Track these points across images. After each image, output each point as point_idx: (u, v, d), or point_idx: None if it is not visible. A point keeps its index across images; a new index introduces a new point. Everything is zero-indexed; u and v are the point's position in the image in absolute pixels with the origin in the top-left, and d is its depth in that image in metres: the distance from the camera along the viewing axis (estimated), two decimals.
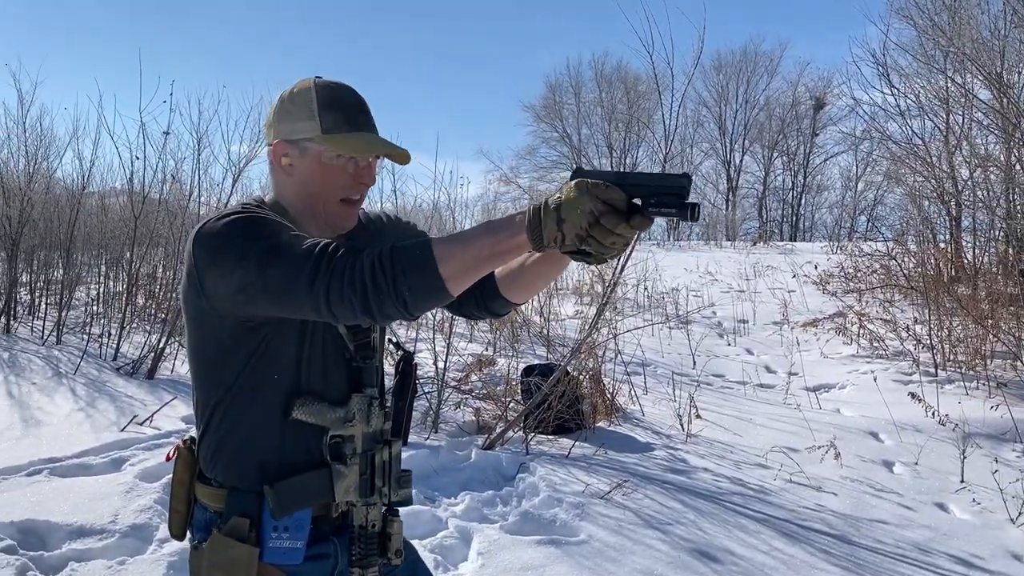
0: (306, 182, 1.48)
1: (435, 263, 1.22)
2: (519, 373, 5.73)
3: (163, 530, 3.49)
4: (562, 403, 5.13)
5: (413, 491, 1.62)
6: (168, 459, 1.56)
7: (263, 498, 1.42)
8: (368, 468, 1.50)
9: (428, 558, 3.31)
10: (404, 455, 1.69)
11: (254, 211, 1.39)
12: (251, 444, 1.45)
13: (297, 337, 1.44)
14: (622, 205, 1.18)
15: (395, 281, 1.21)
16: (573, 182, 1.21)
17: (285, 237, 1.31)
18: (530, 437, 4.93)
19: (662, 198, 1.20)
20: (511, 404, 5.41)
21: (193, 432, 1.54)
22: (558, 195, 1.21)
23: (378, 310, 1.23)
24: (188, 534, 1.55)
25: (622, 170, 1.30)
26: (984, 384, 6.36)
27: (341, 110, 1.46)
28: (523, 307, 9.01)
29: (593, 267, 10.37)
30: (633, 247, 5.17)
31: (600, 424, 5.46)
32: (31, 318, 8.32)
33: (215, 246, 1.34)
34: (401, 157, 1.50)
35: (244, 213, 1.37)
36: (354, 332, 1.52)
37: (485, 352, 7.31)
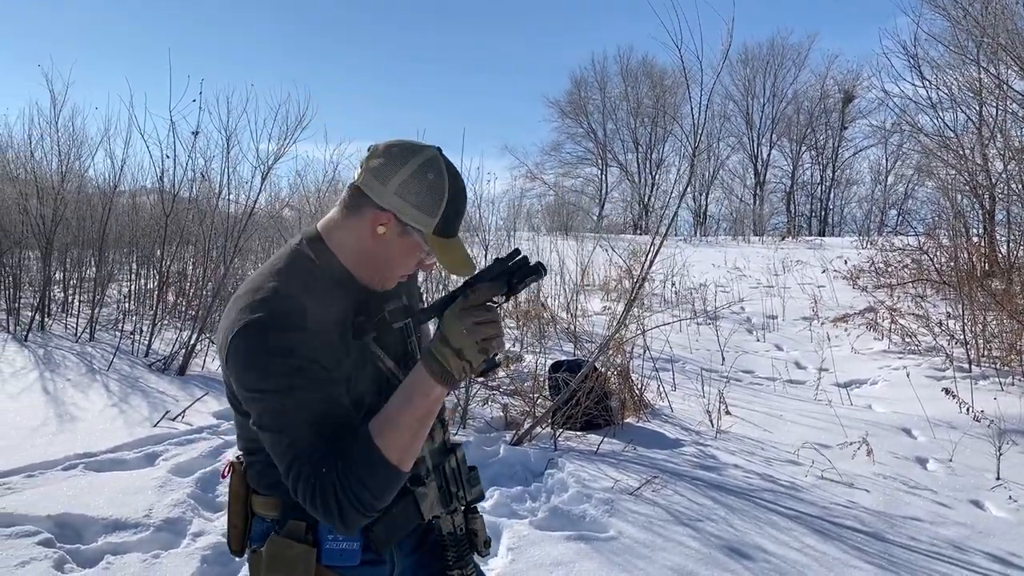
0: (383, 252, 1.45)
1: (383, 457, 1.29)
2: (547, 369, 5.72)
3: (196, 524, 3.54)
4: (590, 399, 5.12)
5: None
6: (223, 477, 1.58)
7: None
8: (443, 480, 1.54)
9: None
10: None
11: (276, 317, 1.34)
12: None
13: (345, 393, 1.41)
14: (492, 295, 1.31)
15: (360, 500, 1.28)
16: (446, 313, 1.32)
17: (285, 411, 1.31)
18: (558, 433, 4.92)
19: (519, 274, 1.34)
20: (539, 400, 5.41)
21: (228, 425, 1.55)
22: (440, 332, 1.30)
23: (348, 527, 1.30)
24: (248, 549, 1.54)
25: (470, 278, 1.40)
26: (1020, 380, 6.26)
27: (457, 218, 1.46)
28: (550, 303, 9.01)
29: (620, 263, 10.35)
30: (660, 245, 5.14)
31: (629, 420, 5.45)
32: (65, 315, 8.45)
33: (237, 367, 1.35)
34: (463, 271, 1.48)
35: (262, 326, 1.32)
36: (402, 364, 1.53)
37: (513, 348, 7.32)
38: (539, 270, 1.34)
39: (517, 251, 1.36)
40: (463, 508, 1.59)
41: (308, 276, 1.43)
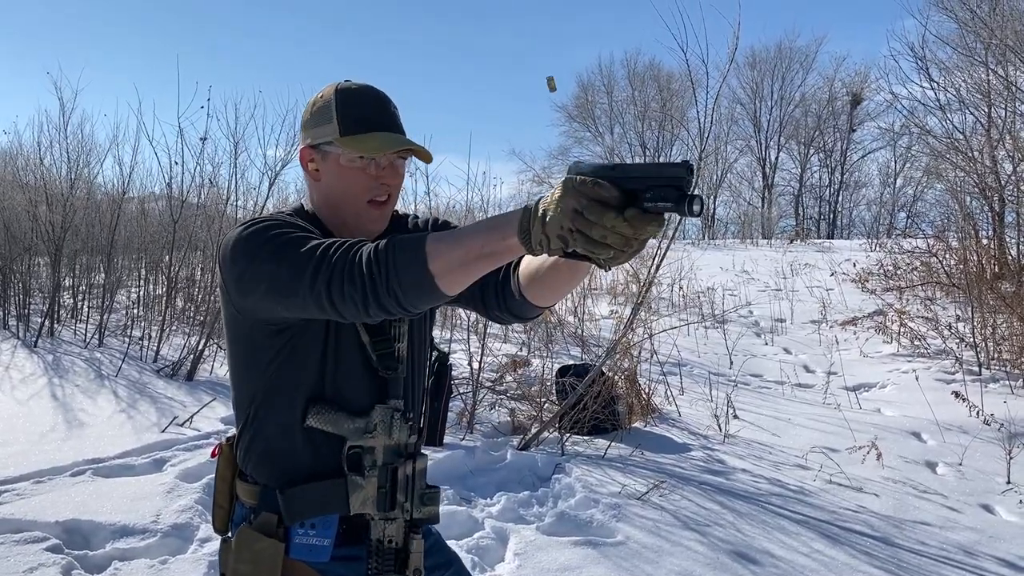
0: (331, 186, 1.49)
1: (425, 260, 1.18)
2: (554, 373, 5.72)
3: (204, 530, 3.54)
4: (597, 403, 5.10)
5: (443, 503, 1.61)
6: (213, 456, 1.60)
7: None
8: (388, 481, 1.48)
9: (465, 559, 3.32)
10: (440, 455, 1.70)
11: (273, 216, 1.43)
12: (280, 445, 1.48)
13: (321, 344, 1.45)
14: (611, 199, 1.07)
15: (387, 276, 1.20)
16: (560, 180, 1.12)
17: (291, 238, 1.32)
18: (565, 438, 4.91)
19: (659, 191, 1.07)
20: (546, 405, 5.40)
21: (234, 431, 1.56)
22: (544, 196, 1.14)
23: (375, 303, 1.22)
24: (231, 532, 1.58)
25: (624, 162, 1.12)
26: None
27: (359, 111, 1.46)
28: (557, 307, 9.00)
29: (627, 266, 10.34)
30: (667, 248, 5.14)
31: (636, 425, 5.43)
32: (74, 321, 8.49)
33: (234, 255, 1.37)
34: (421, 154, 1.48)
35: (260, 219, 1.40)
36: (377, 342, 1.50)
37: (520, 352, 7.31)
38: (681, 204, 1.04)
39: (687, 165, 1.07)
40: (406, 522, 1.51)
41: (303, 216, 1.52)
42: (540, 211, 1.11)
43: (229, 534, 1.56)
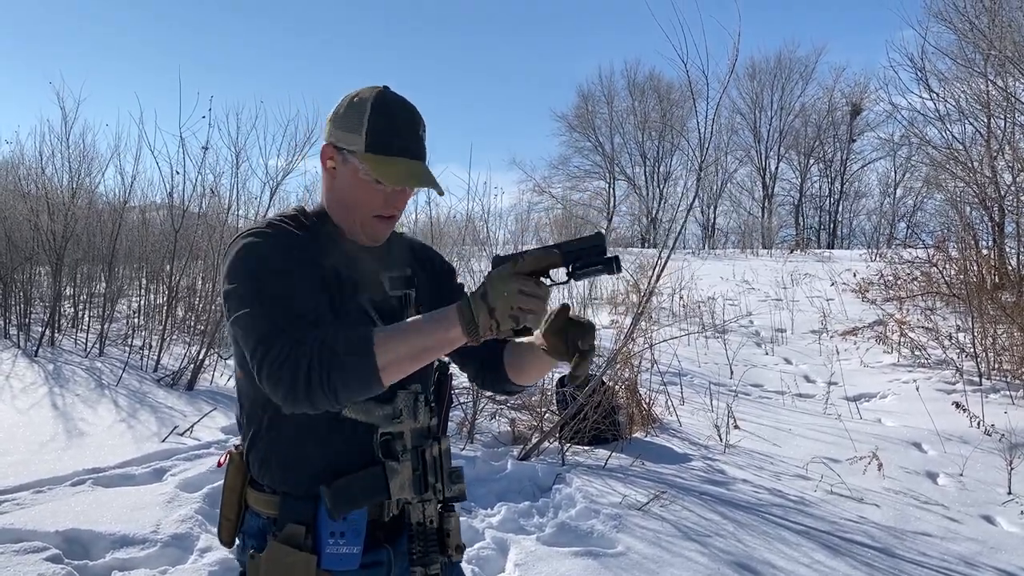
0: (344, 191, 1.51)
1: (374, 360, 1.27)
2: (554, 383, 5.71)
3: (204, 540, 3.53)
4: (598, 413, 5.10)
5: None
6: (219, 465, 1.58)
7: (318, 504, 1.43)
8: (420, 464, 1.50)
9: (465, 570, 3.31)
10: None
11: (264, 238, 1.44)
12: (302, 448, 1.46)
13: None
14: (538, 268, 1.31)
15: (329, 377, 1.26)
16: (495, 271, 1.31)
17: (260, 299, 1.35)
18: (566, 448, 4.91)
19: (585, 259, 1.31)
20: (546, 415, 5.40)
21: (235, 441, 1.56)
22: (482, 288, 1.29)
23: (308, 402, 1.28)
24: (237, 541, 1.56)
25: (530, 249, 1.38)
26: None
27: (388, 131, 1.46)
28: None
29: (627, 276, 10.35)
30: (668, 258, 5.14)
31: (636, 435, 5.43)
32: (75, 330, 8.49)
33: (226, 271, 1.42)
34: (439, 190, 1.54)
35: (250, 243, 1.42)
36: None
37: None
38: (609, 264, 1.31)
39: (599, 235, 1.33)
40: (439, 503, 1.53)
41: (302, 221, 1.53)
42: (483, 301, 1.27)
43: (238, 544, 1.55)
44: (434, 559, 1.49)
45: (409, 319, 1.36)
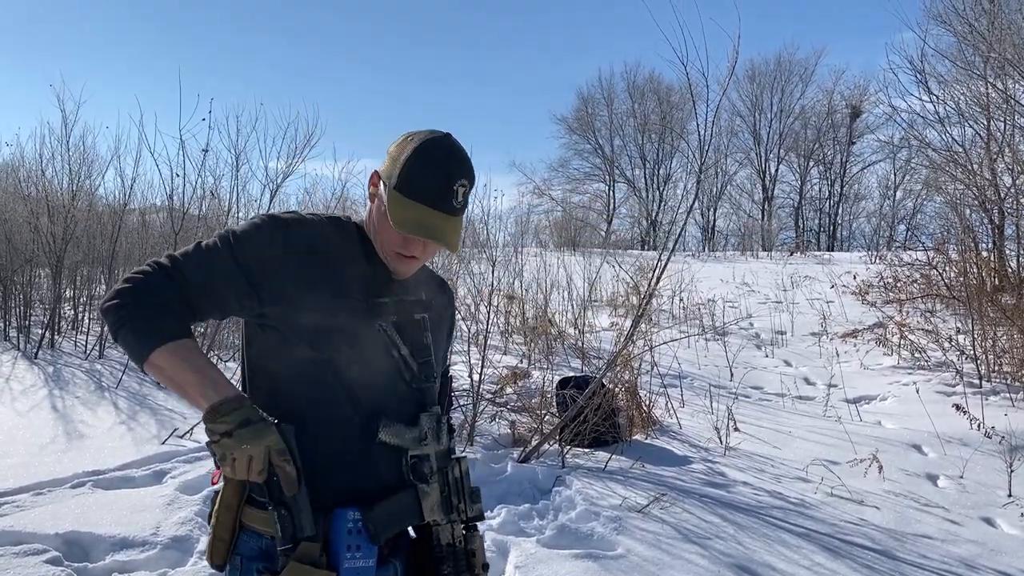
0: (375, 219, 1.52)
1: (150, 351, 1.35)
2: (554, 385, 5.71)
3: (204, 542, 3.53)
4: (598, 416, 5.10)
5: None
6: (213, 483, 1.48)
7: (330, 518, 1.39)
8: (446, 485, 1.52)
9: None
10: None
11: (280, 218, 1.49)
12: (327, 467, 1.42)
13: (354, 362, 1.45)
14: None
15: (123, 323, 1.36)
16: (274, 431, 1.33)
17: (209, 252, 1.43)
18: (566, 450, 4.90)
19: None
20: (547, 417, 5.39)
21: None
22: (256, 416, 1.33)
23: (103, 315, 1.40)
24: (228, 566, 1.46)
25: None
26: None
27: (421, 175, 1.45)
28: (558, 319, 9.01)
29: (627, 278, 10.35)
30: (667, 260, 5.15)
31: (637, 437, 5.43)
32: (74, 333, 8.49)
33: (243, 221, 1.52)
34: (449, 248, 1.48)
35: (274, 221, 1.48)
36: (416, 352, 1.53)
37: (520, 364, 7.31)
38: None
39: None
40: (462, 523, 1.54)
41: (342, 227, 1.55)
42: (235, 420, 1.31)
43: (229, 570, 1.45)
44: None
45: (204, 363, 1.39)
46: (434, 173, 1.45)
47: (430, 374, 1.54)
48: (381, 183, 1.49)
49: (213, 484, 1.50)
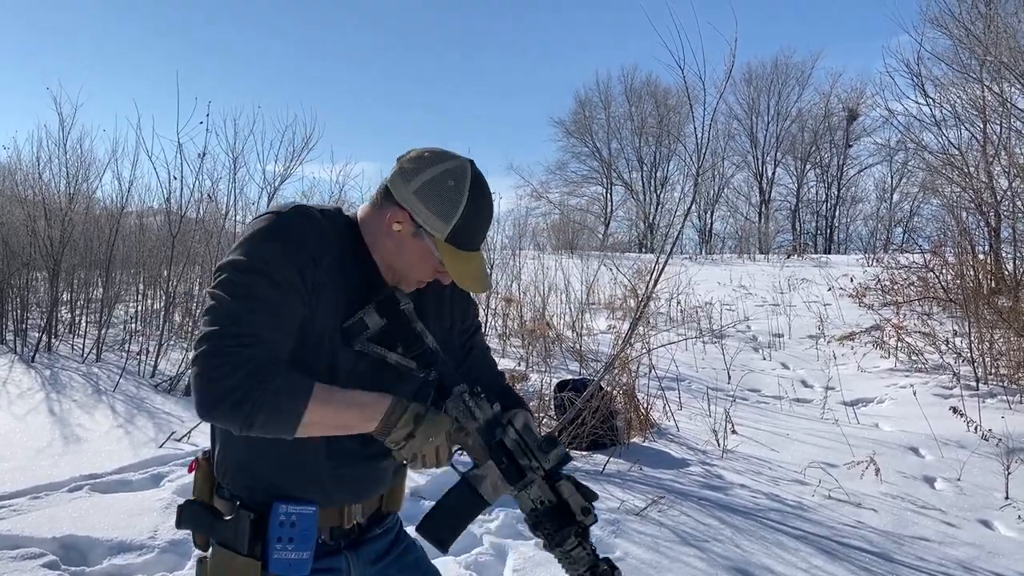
0: (400, 252, 1.47)
1: (301, 414, 1.29)
2: (552, 388, 5.71)
3: None
4: (596, 418, 5.10)
5: None
6: (190, 471, 1.56)
7: (268, 509, 1.42)
8: (502, 456, 1.44)
9: (464, 575, 3.31)
10: (437, 471, 1.71)
11: (295, 230, 1.39)
12: (300, 456, 1.45)
13: (352, 382, 1.42)
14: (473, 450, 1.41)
15: (253, 407, 1.25)
16: (445, 417, 1.39)
17: (245, 295, 1.32)
18: None
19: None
20: (544, 419, 5.39)
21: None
22: (422, 409, 1.36)
23: (217, 413, 1.28)
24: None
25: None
26: None
27: (475, 227, 1.45)
28: (556, 322, 9.01)
29: (625, 281, 10.36)
30: (665, 263, 5.15)
31: (634, 440, 5.43)
32: (72, 336, 8.47)
33: (241, 239, 1.40)
34: (486, 290, 1.54)
35: (279, 228, 1.38)
36: (410, 346, 1.49)
37: (518, 367, 7.31)
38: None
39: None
40: (542, 477, 1.44)
41: (335, 228, 1.46)
42: (413, 423, 1.34)
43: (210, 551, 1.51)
44: (568, 533, 1.43)
45: (346, 393, 1.35)
46: (485, 222, 1.47)
47: (432, 359, 1.49)
48: (414, 227, 1.43)
49: (189, 472, 1.55)
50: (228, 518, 1.45)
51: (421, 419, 1.35)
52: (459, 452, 1.46)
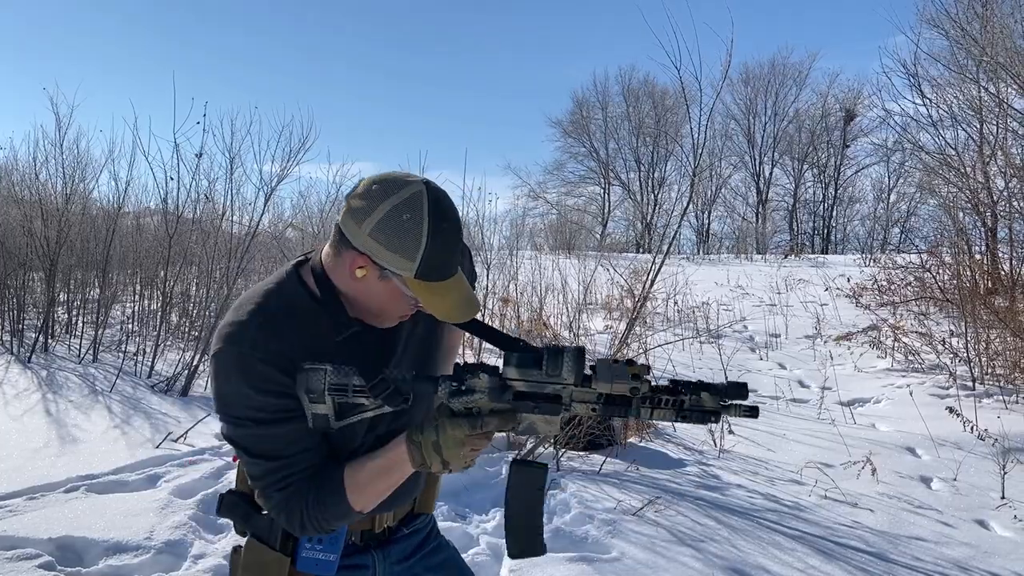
0: (370, 296, 1.39)
1: (350, 508, 1.37)
2: None
3: (198, 546, 3.53)
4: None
5: (438, 519, 1.61)
6: (234, 460, 1.55)
7: None
8: (528, 401, 1.31)
9: None
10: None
11: (241, 363, 1.34)
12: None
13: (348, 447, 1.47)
14: (494, 431, 1.31)
15: (319, 524, 1.38)
16: (451, 425, 1.29)
17: (251, 444, 1.37)
18: (561, 453, 4.91)
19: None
20: None
21: (229, 447, 1.57)
22: (435, 436, 1.30)
23: (302, 534, 1.41)
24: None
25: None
26: None
27: (443, 254, 1.32)
28: (552, 322, 9.01)
29: (622, 282, 10.37)
30: (662, 263, 5.15)
31: (631, 440, 5.43)
32: (68, 336, 8.46)
33: (214, 389, 1.40)
34: (475, 314, 1.41)
35: (237, 366, 1.34)
36: (370, 379, 1.37)
37: None
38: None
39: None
40: (575, 386, 1.31)
41: (295, 302, 1.40)
42: (436, 453, 1.30)
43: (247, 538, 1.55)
44: (637, 406, 1.32)
45: (365, 467, 1.37)
46: (452, 248, 1.35)
47: (399, 386, 1.36)
48: (378, 269, 1.34)
49: (234, 461, 1.56)
50: (264, 512, 1.47)
51: (439, 446, 1.29)
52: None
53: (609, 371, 1.28)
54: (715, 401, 1.25)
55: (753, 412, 1.29)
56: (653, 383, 1.31)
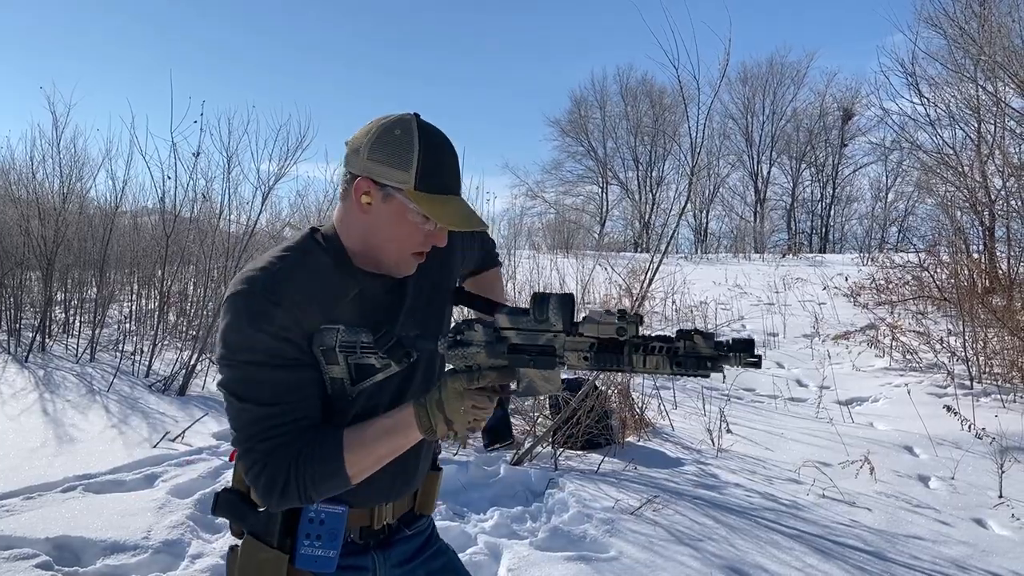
0: (380, 228, 1.42)
1: (346, 474, 1.35)
2: None
3: (195, 546, 3.52)
4: (591, 418, 5.10)
5: (436, 519, 1.60)
6: (231, 459, 1.55)
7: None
8: (523, 354, 1.34)
9: None
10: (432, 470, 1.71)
11: (269, 299, 1.35)
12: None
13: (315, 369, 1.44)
14: (496, 386, 1.33)
15: (305, 489, 1.34)
16: (451, 380, 1.32)
17: (246, 389, 1.35)
18: (559, 452, 4.90)
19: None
20: (539, 419, 5.39)
21: (227, 446, 1.56)
22: (438, 394, 1.32)
23: (278, 506, 1.38)
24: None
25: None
26: (1022, 397, 6.24)
27: (438, 169, 1.39)
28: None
29: (620, 281, 10.36)
30: (660, 262, 5.15)
31: (629, 439, 5.43)
32: (65, 336, 8.45)
33: (221, 330, 1.38)
34: (483, 227, 1.44)
35: (252, 308, 1.34)
36: (377, 340, 1.40)
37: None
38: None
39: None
40: (566, 334, 1.31)
41: (309, 258, 1.43)
42: (439, 411, 1.31)
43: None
44: (629, 353, 1.24)
45: (372, 425, 1.37)
46: (447, 161, 1.42)
47: (409, 347, 1.41)
48: (380, 190, 1.39)
49: (231, 460, 1.56)
50: (261, 510, 1.46)
51: (442, 403, 1.32)
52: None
53: (598, 316, 1.28)
54: (711, 346, 1.19)
55: (756, 361, 1.18)
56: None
